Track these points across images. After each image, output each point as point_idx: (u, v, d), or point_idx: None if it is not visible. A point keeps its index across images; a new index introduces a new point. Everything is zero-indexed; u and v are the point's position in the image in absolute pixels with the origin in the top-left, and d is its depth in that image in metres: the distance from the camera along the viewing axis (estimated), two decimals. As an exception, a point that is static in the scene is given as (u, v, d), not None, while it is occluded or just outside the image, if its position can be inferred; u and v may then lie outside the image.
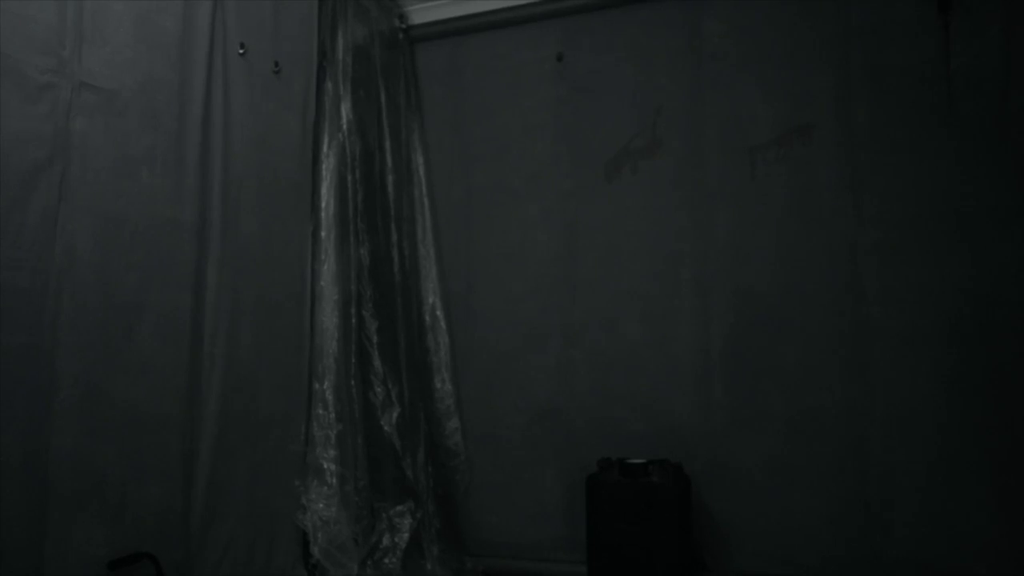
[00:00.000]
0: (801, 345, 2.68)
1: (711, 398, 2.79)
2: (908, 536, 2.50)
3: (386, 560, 2.62)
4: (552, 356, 3.01)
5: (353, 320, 2.74)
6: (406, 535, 2.70)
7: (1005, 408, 2.43)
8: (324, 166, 2.74)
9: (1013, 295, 2.45)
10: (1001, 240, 2.48)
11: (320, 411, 2.59)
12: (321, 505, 2.51)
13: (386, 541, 2.66)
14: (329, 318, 2.67)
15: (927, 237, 2.56)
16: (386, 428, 2.71)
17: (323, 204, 2.73)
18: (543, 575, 2.85)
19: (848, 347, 2.63)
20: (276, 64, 2.62)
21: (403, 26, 3.22)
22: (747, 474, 2.70)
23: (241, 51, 2.49)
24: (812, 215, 2.71)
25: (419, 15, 3.25)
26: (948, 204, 2.54)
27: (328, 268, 2.68)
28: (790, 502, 2.64)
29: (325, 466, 2.54)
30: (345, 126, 2.81)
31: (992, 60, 2.53)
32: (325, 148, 2.75)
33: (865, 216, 2.64)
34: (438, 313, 3.10)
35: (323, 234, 2.70)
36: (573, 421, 2.96)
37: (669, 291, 2.87)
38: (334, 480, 2.53)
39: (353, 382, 2.70)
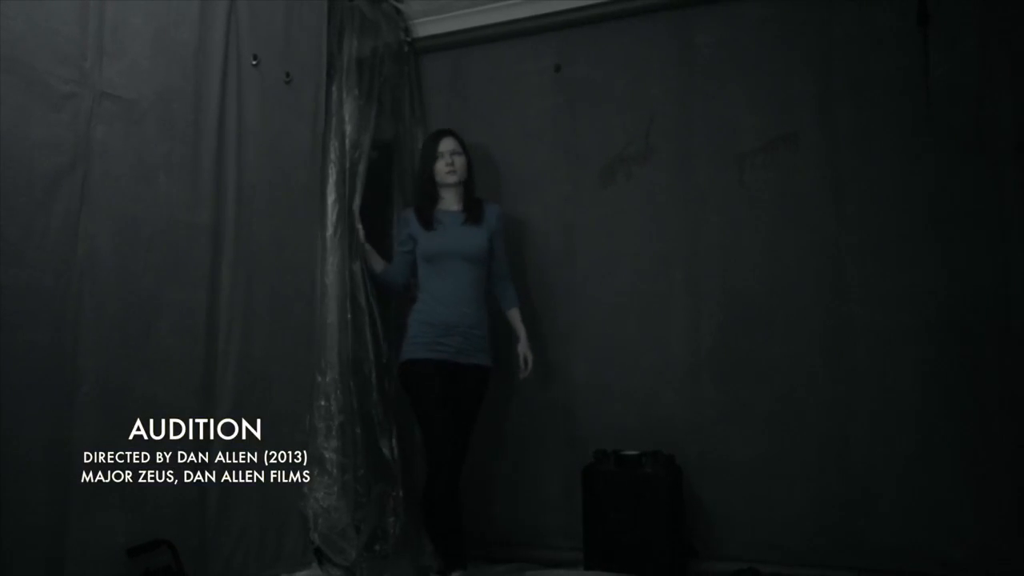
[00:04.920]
0: (786, 343, 2.78)
1: (702, 393, 2.88)
2: (888, 524, 2.60)
3: (385, 546, 2.68)
4: (550, 353, 3.10)
5: (349, 315, 2.80)
6: (405, 520, 2.76)
7: (980, 403, 2.53)
8: (330, 169, 2.83)
9: (988, 295, 2.55)
10: (977, 243, 2.58)
11: (323, 403, 2.65)
12: (321, 494, 2.57)
13: (388, 526, 2.72)
14: (332, 313, 2.74)
15: (906, 239, 2.66)
16: (372, 410, 2.76)
17: (328, 204, 2.81)
18: (542, 561, 2.93)
19: (831, 345, 2.73)
20: (287, 75, 2.70)
21: (408, 39, 3.30)
22: (735, 465, 2.79)
23: (254, 62, 2.57)
24: (797, 218, 2.81)
25: (423, 28, 3.33)
26: (926, 208, 2.64)
27: (332, 266, 2.77)
28: (776, 492, 2.73)
29: (327, 456, 2.60)
30: (350, 133, 2.90)
31: (969, 70, 2.63)
32: (332, 154, 2.83)
33: (847, 219, 2.75)
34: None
35: (328, 233, 2.78)
36: (571, 414, 3.05)
37: (661, 291, 2.97)
38: (335, 469, 2.60)
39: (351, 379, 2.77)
